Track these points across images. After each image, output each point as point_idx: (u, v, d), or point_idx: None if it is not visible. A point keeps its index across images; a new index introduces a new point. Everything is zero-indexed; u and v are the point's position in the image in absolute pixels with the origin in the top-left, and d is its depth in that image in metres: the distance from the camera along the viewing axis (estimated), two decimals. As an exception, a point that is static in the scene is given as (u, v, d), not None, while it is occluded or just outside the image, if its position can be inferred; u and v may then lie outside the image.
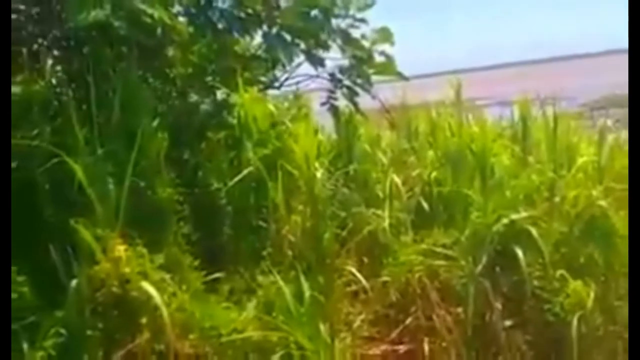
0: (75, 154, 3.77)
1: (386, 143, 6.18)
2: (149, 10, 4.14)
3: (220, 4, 5.58)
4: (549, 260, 4.33)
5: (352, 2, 5.73)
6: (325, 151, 5.05)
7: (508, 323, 4.23)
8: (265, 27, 5.62)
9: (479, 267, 4.38)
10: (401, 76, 6.09)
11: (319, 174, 4.61)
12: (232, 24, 5.50)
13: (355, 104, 6.01)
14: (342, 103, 6.22)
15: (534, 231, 4.24)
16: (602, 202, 4.25)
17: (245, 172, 4.85)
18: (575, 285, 4.24)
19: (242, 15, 5.53)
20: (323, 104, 6.25)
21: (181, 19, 5.15)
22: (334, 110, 6.21)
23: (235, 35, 5.61)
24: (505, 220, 4.23)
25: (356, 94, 6.07)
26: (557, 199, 4.54)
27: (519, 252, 4.25)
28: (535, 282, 4.38)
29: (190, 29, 5.13)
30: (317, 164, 4.62)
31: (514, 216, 4.26)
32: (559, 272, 4.27)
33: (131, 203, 3.90)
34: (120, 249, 3.60)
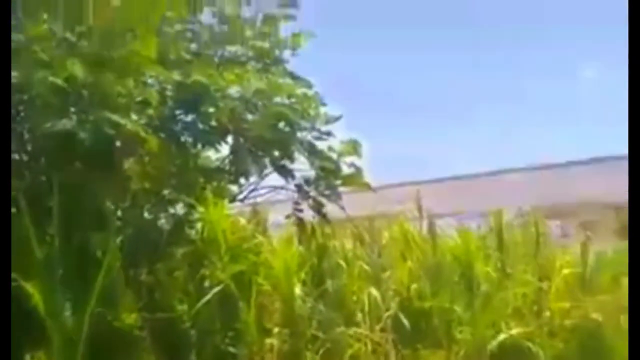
0: (32, 278, 3.31)
1: (356, 255, 5.95)
2: (122, 121, 3.89)
3: (184, 117, 5.43)
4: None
5: (319, 116, 5.73)
6: (298, 266, 4.74)
7: None
8: (230, 139, 5.48)
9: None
10: (368, 187, 6.02)
11: (297, 290, 4.29)
12: (197, 137, 5.33)
13: (324, 216, 5.82)
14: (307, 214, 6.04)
15: (532, 347, 4.01)
16: (596, 315, 4.13)
17: (213, 291, 4.46)
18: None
19: (207, 128, 5.38)
20: (288, 216, 6.03)
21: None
22: (300, 223, 6.01)
23: (200, 147, 5.44)
24: (501, 337, 3.98)
25: (323, 205, 5.92)
26: (547, 313, 4.37)
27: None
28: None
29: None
30: (295, 280, 4.31)
31: (512, 332, 4.03)
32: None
33: (91, 332, 3.43)
34: (81, 390, 3.08)
